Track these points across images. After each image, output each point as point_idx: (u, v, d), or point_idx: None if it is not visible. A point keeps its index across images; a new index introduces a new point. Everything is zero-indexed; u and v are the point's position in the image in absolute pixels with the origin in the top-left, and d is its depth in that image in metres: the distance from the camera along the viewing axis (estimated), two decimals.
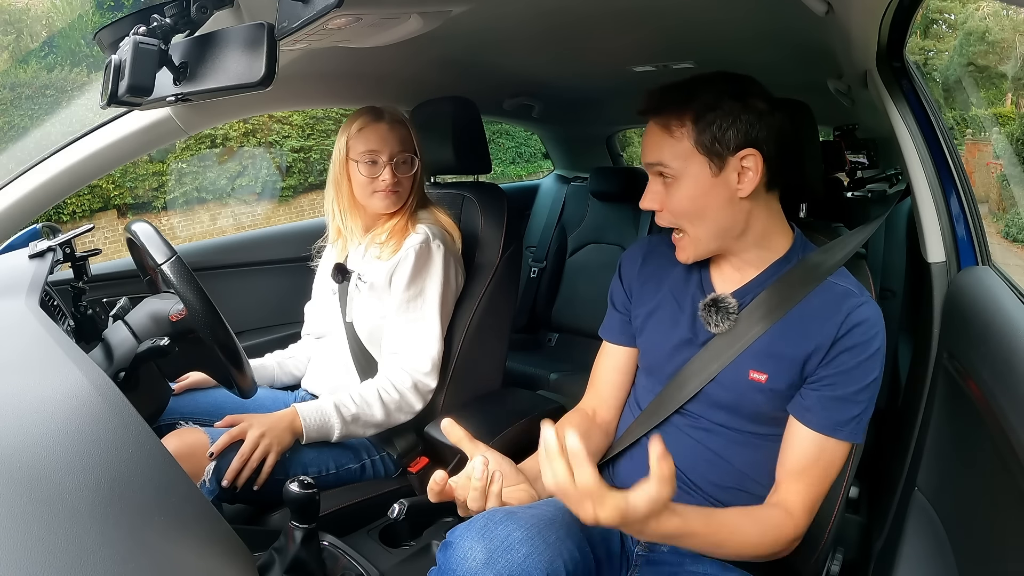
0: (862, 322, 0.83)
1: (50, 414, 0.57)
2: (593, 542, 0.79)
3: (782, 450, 0.86)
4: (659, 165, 0.85)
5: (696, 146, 0.83)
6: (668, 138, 0.84)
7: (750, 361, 0.87)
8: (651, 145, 0.86)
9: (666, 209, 0.87)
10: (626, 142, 3.59)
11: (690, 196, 0.84)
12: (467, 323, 1.33)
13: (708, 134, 0.82)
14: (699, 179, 0.84)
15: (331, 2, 0.63)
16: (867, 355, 0.82)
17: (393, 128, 1.26)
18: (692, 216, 0.86)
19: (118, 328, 1.00)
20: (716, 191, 0.84)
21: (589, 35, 1.28)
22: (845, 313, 0.83)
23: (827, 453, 0.83)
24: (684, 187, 0.84)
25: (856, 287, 0.87)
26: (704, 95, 0.83)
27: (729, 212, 0.86)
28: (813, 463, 0.83)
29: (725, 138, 0.82)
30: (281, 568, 0.81)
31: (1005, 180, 7.05)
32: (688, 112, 0.83)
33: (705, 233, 0.87)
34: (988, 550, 0.72)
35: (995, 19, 11.35)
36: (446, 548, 0.70)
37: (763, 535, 0.80)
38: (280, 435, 1.12)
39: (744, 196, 0.84)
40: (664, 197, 0.87)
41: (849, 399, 0.83)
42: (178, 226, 6.65)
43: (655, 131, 0.86)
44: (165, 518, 0.53)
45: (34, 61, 6.56)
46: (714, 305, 0.89)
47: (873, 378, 0.83)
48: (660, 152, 0.85)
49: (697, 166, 0.83)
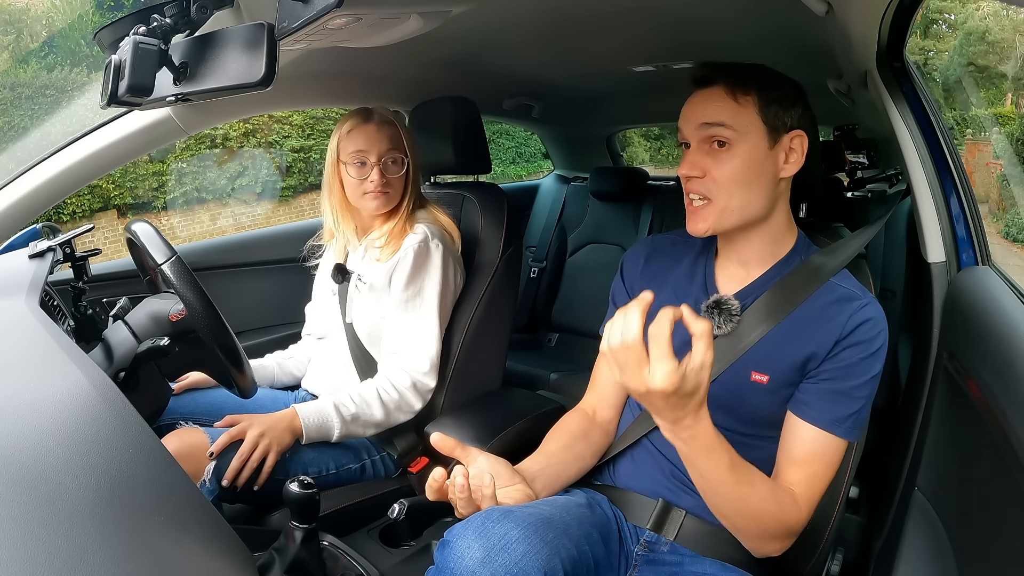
0: (866, 321, 0.83)
1: (50, 414, 0.57)
2: (592, 541, 0.79)
3: (781, 445, 0.86)
4: (719, 126, 0.83)
5: (761, 115, 0.83)
6: (733, 103, 0.84)
7: (752, 362, 0.87)
8: (713, 106, 0.84)
9: (709, 175, 0.85)
10: (626, 142, 3.60)
11: (744, 164, 0.83)
12: (467, 323, 1.33)
13: (772, 108, 0.84)
14: (755, 149, 0.84)
15: (331, 2, 0.63)
16: (870, 352, 0.83)
17: (381, 128, 1.25)
18: (735, 186, 0.84)
19: (118, 328, 1.00)
20: (765, 166, 0.85)
21: (589, 35, 1.28)
22: (848, 315, 0.83)
23: (827, 450, 0.83)
24: (739, 154, 0.83)
25: (859, 289, 0.87)
26: (762, 73, 0.85)
27: (767, 191, 0.86)
28: (813, 457, 0.83)
29: (785, 114, 0.84)
30: (281, 568, 0.80)
31: (1005, 180, 7.04)
32: (753, 84, 0.84)
33: (738, 205, 0.85)
34: (988, 550, 0.72)
35: (995, 19, 11.35)
36: (443, 547, 0.71)
37: (779, 508, 0.80)
38: (280, 435, 1.12)
39: (785, 176, 0.86)
40: (710, 163, 0.85)
41: (848, 394, 0.83)
42: (178, 226, 6.65)
43: (718, 95, 0.84)
44: (165, 518, 0.53)
45: (34, 61, 6.55)
46: (717, 306, 0.89)
47: (874, 374, 0.83)
48: (723, 113, 0.83)
49: (757, 135, 0.84)
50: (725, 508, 0.80)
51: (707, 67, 0.87)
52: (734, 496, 0.77)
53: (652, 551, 0.89)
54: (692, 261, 0.97)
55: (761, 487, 0.79)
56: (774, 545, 0.82)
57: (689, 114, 0.87)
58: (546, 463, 0.93)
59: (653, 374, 0.67)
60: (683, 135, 0.88)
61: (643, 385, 0.67)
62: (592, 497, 0.92)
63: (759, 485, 0.79)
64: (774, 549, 0.83)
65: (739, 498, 0.77)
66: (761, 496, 0.79)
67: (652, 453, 0.93)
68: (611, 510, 0.91)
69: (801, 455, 0.83)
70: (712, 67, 0.86)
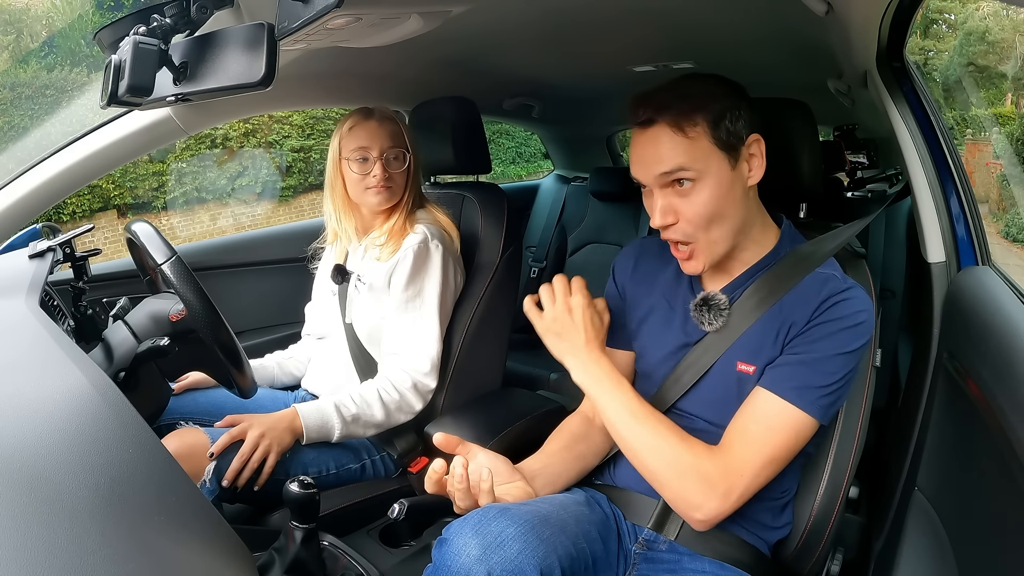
0: (842, 301, 0.81)
1: (50, 414, 0.57)
2: (590, 539, 0.79)
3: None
4: (679, 171, 0.80)
5: (714, 142, 0.80)
6: (683, 139, 0.80)
7: (738, 353, 0.87)
8: (664, 151, 0.81)
9: (683, 220, 0.83)
10: (626, 142, 3.59)
11: (713, 197, 0.81)
12: (467, 323, 1.33)
13: (722, 128, 0.81)
14: (720, 177, 0.81)
15: (331, 2, 0.63)
16: (841, 328, 0.80)
17: (383, 124, 1.26)
18: (712, 220, 0.82)
19: (118, 328, 1.00)
20: (734, 187, 0.83)
21: (589, 35, 1.29)
22: (825, 295, 0.82)
23: (777, 416, 0.80)
24: (707, 188, 0.81)
25: (841, 275, 0.86)
26: (699, 91, 0.81)
27: (743, 207, 0.85)
28: (756, 417, 0.81)
29: (736, 129, 0.81)
30: (281, 568, 0.80)
31: (1005, 180, 7.04)
32: (697, 111, 0.80)
33: (722, 235, 0.84)
34: (988, 550, 0.72)
35: (995, 19, 11.35)
36: (441, 544, 0.71)
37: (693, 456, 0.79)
38: (280, 435, 1.12)
39: (752, 184, 0.85)
40: (680, 205, 0.82)
41: (814, 366, 0.80)
42: (178, 226, 6.65)
43: (665, 135, 0.80)
44: (165, 518, 0.53)
45: (34, 61, 6.55)
46: (705, 304, 0.89)
47: (847, 350, 0.80)
48: (678, 156, 0.80)
49: (717, 163, 0.81)
50: (634, 447, 0.82)
51: (645, 106, 0.82)
52: (631, 429, 0.82)
53: (650, 549, 0.89)
54: (678, 265, 0.97)
55: (658, 425, 0.82)
56: (686, 493, 0.78)
57: (641, 160, 0.83)
58: (547, 462, 0.93)
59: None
60: (639, 179, 0.85)
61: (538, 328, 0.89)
62: (591, 496, 0.92)
63: (664, 429, 0.82)
64: (689, 501, 0.78)
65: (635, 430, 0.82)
66: (668, 440, 0.80)
67: None
68: (610, 509, 0.92)
69: (745, 412, 0.82)
70: (650, 105, 0.81)
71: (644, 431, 0.82)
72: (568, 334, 0.87)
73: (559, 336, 0.88)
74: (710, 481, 0.78)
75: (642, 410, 0.83)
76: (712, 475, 0.78)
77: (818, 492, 0.91)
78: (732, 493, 0.78)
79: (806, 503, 0.92)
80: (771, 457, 0.79)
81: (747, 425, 0.81)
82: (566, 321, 0.87)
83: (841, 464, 0.91)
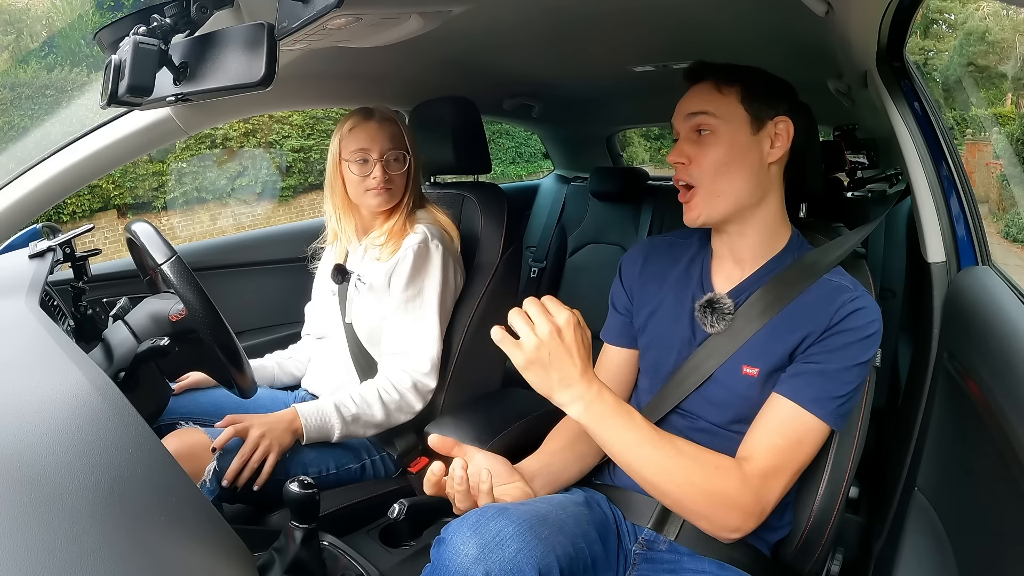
0: (857, 310, 0.83)
1: (50, 414, 0.57)
2: (589, 539, 0.79)
3: (755, 420, 0.85)
4: (702, 114, 0.87)
5: (742, 102, 0.87)
6: (716, 93, 0.87)
7: (743, 357, 0.87)
8: (696, 97, 0.89)
9: (695, 163, 0.88)
10: (626, 142, 3.59)
11: (725, 150, 0.86)
12: (467, 323, 1.33)
13: (754, 101, 0.87)
14: (737, 134, 0.86)
15: (331, 2, 0.63)
16: (859, 338, 0.82)
17: (383, 126, 1.26)
18: (719, 171, 0.87)
19: (118, 328, 1.00)
20: (749, 151, 0.87)
21: (589, 35, 1.29)
22: (839, 305, 0.83)
23: (801, 427, 0.81)
24: (721, 139, 0.86)
25: (851, 283, 0.87)
26: (751, 71, 0.89)
27: (753, 178, 0.88)
28: (781, 429, 0.81)
29: (768, 102, 0.87)
30: (281, 568, 0.80)
31: (1005, 180, 7.04)
32: (738, 78, 0.88)
33: (724, 189, 0.87)
34: (988, 550, 0.72)
35: (995, 19, 11.35)
36: (439, 544, 0.71)
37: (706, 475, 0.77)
38: (280, 436, 1.12)
39: (772, 162, 0.88)
40: (694, 151, 0.88)
41: (833, 376, 0.82)
42: (178, 226, 6.66)
43: (705, 88, 0.89)
44: (165, 518, 0.53)
45: (34, 61, 6.55)
46: (709, 306, 0.89)
47: (862, 360, 0.82)
48: (704, 103, 0.87)
49: (739, 121, 0.87)
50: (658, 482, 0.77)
51: (698, 63, 0.91)
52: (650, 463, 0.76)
53: (650, 549, 0.89)
54: (688, 261, 0.98)
55: (678, 456, 0.77)
56: (719, 519, 0.78)
57: (678, 108, 0.92)
58: (547, 462, 0.93)
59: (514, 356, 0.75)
60: (675, 131, 0.92)
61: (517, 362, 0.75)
62: (591, 496, 0.92)
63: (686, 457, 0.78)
64: (724, 525, 0.78)
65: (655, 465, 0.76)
66: (681, 463, 0.77)
67: None
68: (610, 509, 0.92)
69: (769, 424, 0.82)
70: (702, 63, 0.91)
71: (667, 462, 0.77)
72: (557, 363, 0.74)
73: (546, 367, 0.74)
74: (744, 506, 0.78)
75: (660, 439, 0.78)
76: (746, 499, 0.78)
77: (818, 492, 0.91)
78: (766, 510, 0.80)
79: (806, 503, 0.92)
80: (798, 469, 0.82)
81: (775, 440, 0.82)
82: (554, 346, 0.74)
83: (841, 464, 0.91)
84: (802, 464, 0.82)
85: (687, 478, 0.77)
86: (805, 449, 0.82)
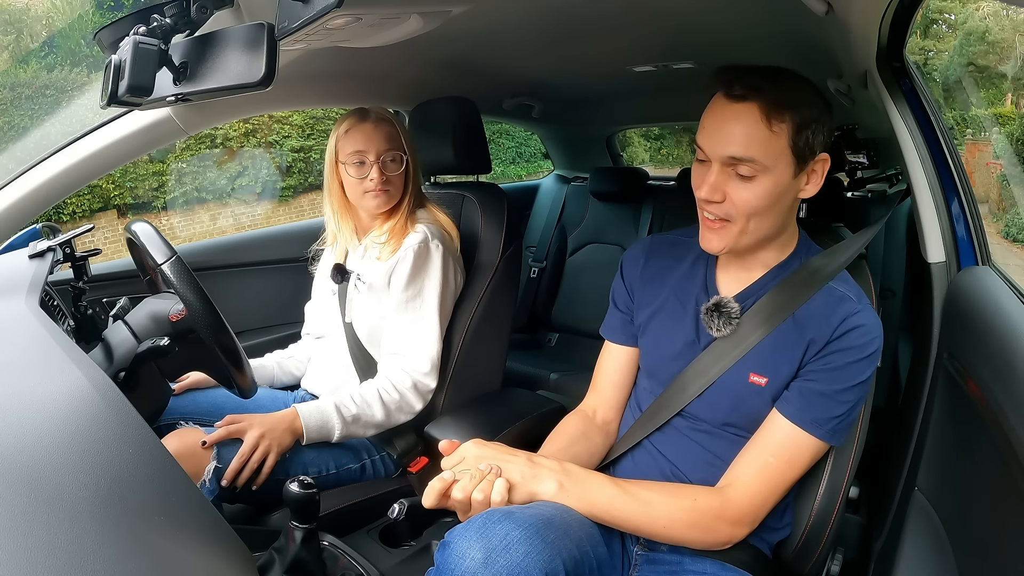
0: (858, 327, 0.82)
1: (50, 414, 0.57)
2: (593, 541, 0.79)
3: (752, 436, 0.86)
4: (749, 161, 0.79)
5: (791, 147, 0.79)
6: (766, 132, 0.78)
7: (750, 364, 0.87)
8: (744, 136, 0.78)
9: (729, 200, 0.81)
10: (626, 142, 3.59)
11: (767, 196, 0.80)
12: (467, 323, 1.33)
13: (803, 136, 0.79)
14: (781, 179, 0.80)
15: (331, 2, 0.63)
16: (859, 358, 0.82)
17: (379, 127, 1.25)
18: (755, 214, 0.82)
19: (118, 328, 1.00)
20: (788, 192, 0.82)
21: (589, 35, 1.28)
22: (841, 318, 0.83)
23: (794, 446, 0.83)
24: (765, 186, 0.80)
25: (855, 294, 0.87)
26: (792, 87, 0.79)
27: (788, 213, 0.86)
28: (775, 449, 0.83)
29: (814, 142, 0.80)
30: (281, 568, 0.81)
31: (1005, 180, 7.04)
32: (788, 108, 0.78)
33: (757, 229, 0.83)
34: (988, 550, 0.72)
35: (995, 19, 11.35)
36: (444, 548, 0.70)
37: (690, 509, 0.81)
38: (280, 436, 1.12)
39: (803, 197, 0.85)
40: (732, 189, 0.81)
41: (832, 397, 0.82)
42: (178, 226, 6.65)
43: (751, 119, 0.78)
44: (165, 518, 0.53)
45: (34, 61, 6.55)
46: (716, 309, 0.89)
47: (861, 380, 0.83)
48: (754, 148, 0.78)
49: (784, 166, 0.80)
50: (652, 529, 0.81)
51: (740, 81, 0.79)
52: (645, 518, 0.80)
53: (652, 550, 0.89)
54: (692, 262, 0.97)
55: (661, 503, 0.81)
56: (713, 537, 0.82)
57: (717, 132, 0.81)
58: None
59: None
60: (702, 152, 0.83)
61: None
62: None
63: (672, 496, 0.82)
64: (714, 543, 0.83)
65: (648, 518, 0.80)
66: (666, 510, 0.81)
67: (652, 454, 0.93)
68: None
69: (764, 443, 0.84)
70: (745, 82, 0.78)
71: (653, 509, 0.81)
72: (510, 467, 0.79)
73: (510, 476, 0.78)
74: (735, 521, 0.82)
75: (643, 491, 0.82)
76: (735, 516, 0.82)
77: (818, 492, 0.91)
78: (756, 521, 0.83)
79: (806, 503, 0.92)
80: (788, 484, 0.85)
81: (767, 460, 0.83)
82: (497, 457, 0.80)
83: (841, 464, 0.91)
84: (794, 478, 0.85)
85: (676, 515, 0.81)
86: (797, 466, 0.84)
